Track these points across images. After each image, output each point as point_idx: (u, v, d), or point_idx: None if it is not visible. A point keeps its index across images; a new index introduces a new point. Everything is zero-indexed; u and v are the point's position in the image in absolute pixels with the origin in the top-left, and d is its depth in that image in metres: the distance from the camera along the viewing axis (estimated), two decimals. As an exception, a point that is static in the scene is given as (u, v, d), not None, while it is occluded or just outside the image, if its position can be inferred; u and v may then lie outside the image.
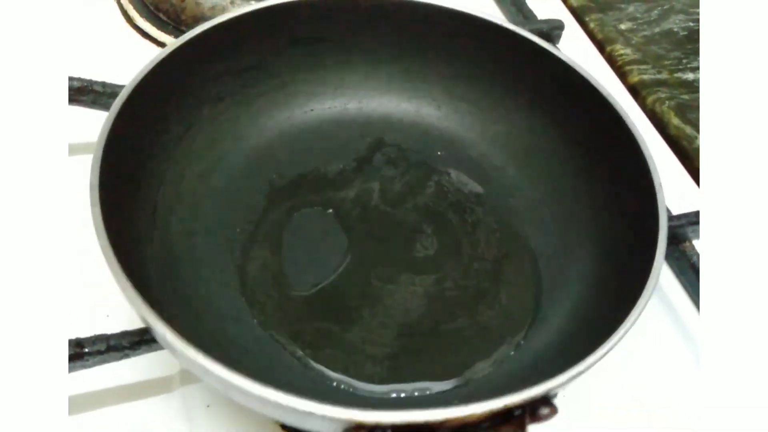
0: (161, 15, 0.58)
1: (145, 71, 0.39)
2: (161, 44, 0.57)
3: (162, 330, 0.29)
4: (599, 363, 0.31)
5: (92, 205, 0.33)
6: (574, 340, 0.36)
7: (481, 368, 0.37)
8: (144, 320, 0.30)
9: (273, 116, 0.47)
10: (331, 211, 0.43)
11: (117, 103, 0.37)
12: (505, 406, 0.29)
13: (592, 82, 0.43)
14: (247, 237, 0.41)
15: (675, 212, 0.45)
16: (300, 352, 0.37)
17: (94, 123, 0.36)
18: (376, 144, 0.48)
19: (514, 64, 0.47)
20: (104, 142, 0.35)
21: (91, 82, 0.44)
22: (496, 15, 0.65)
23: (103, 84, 0.44)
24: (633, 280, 0.34)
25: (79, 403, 0.36)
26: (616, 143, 0.41)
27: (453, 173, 0.47)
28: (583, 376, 0.31)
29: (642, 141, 0.39)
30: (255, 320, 0.38)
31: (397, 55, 0.49)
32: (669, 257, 0.44)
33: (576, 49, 0.61)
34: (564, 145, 0.45)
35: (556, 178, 0.45)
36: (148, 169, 0.40)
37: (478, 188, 0.46)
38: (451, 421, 0.28)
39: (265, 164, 0.45)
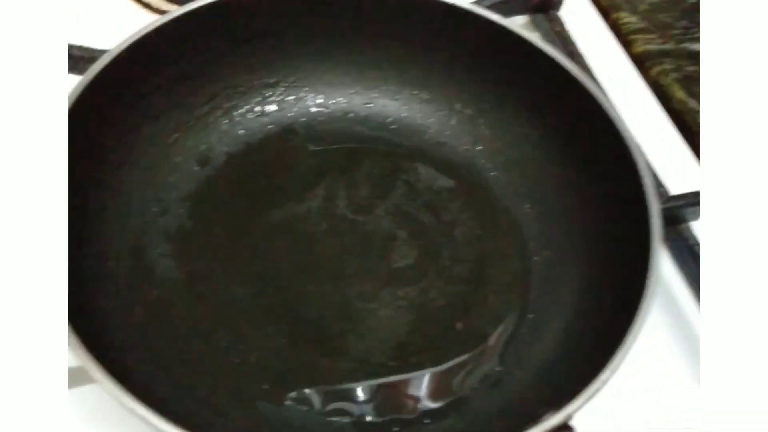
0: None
1: (76, 93, 0.34)
2: (145, 4, 0.51)
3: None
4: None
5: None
6: (569, 352, 0.35)
7: (471, 384, 0.35)
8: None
9: (219, 127, 0.43)
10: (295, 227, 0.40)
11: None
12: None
13: (561, 63, 0.40)
14: (206, 267, 0.37)
15: (674, 192, 0.43)
16: (289, 394, 0.34)
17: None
18: (333, 143, 0.44)
19: (474, 45, 0.43)
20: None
21: (69, 47, 0.42)
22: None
23: (80, 48, 0.42)
24: (631, 280, 0.33)
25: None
26: (594, 126, 0.39)
27: (421, 168, 0.44)
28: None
29: (625, 131, 0.37)
30: (233, 365, 0.34)
31: (346, 44, 0.45)
32: (665, 239, 0.42)
33: (579, 16, 0.57)
34: (537, 128, 0.43)
35: (532, 165, 0.43)
36: (91, 207, 0.35)
37: (449, 182, 0.43)
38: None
39: (216, 182, 0.41)
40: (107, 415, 0.33)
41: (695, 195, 0.42)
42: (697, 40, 0.59)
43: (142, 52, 0.38)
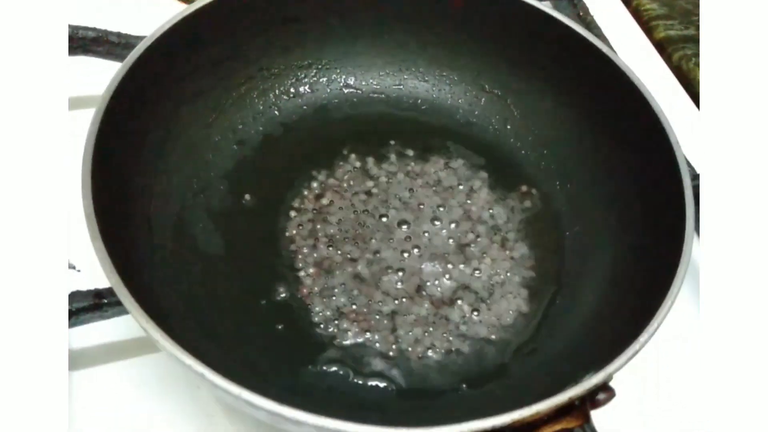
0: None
1: (117, 78, 0.35)
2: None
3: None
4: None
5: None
6: (605, 321, 0.35)
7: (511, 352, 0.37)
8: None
9: (255, 107, 0.44)
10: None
11: (95, 119, 0.33)
12: (570, 398, 0.28)
13: (590, 40, 0.41)
14: (247, 242, 0.39)
15: (699, 170, 0.44)
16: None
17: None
18: (366, 123, 0.45)
19: (501, 25, 0.44)
20: (90, 160, 0.32)
21: (106, 33, 0.44)
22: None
23: (118, 34, 0.44)
24: (665, 249, 0.33)
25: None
26: (624, 102, 0.40)
27: (452, 146, 0.45)
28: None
29: (656, 106, 0.38)
30: (277, 332, 0.35)
31: (376, 26, 0.46)
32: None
33: (601, 2, 0.58)
34: (565, 106, 0.43)
35: (561, 142, 0.43)
36: (136, 184, 0.37)
37: (480, 159, 0.44)
38: (518, 422, 0.27)
39: (254, 160, 0.42)
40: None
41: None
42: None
43: (180, 35, 0.39)
